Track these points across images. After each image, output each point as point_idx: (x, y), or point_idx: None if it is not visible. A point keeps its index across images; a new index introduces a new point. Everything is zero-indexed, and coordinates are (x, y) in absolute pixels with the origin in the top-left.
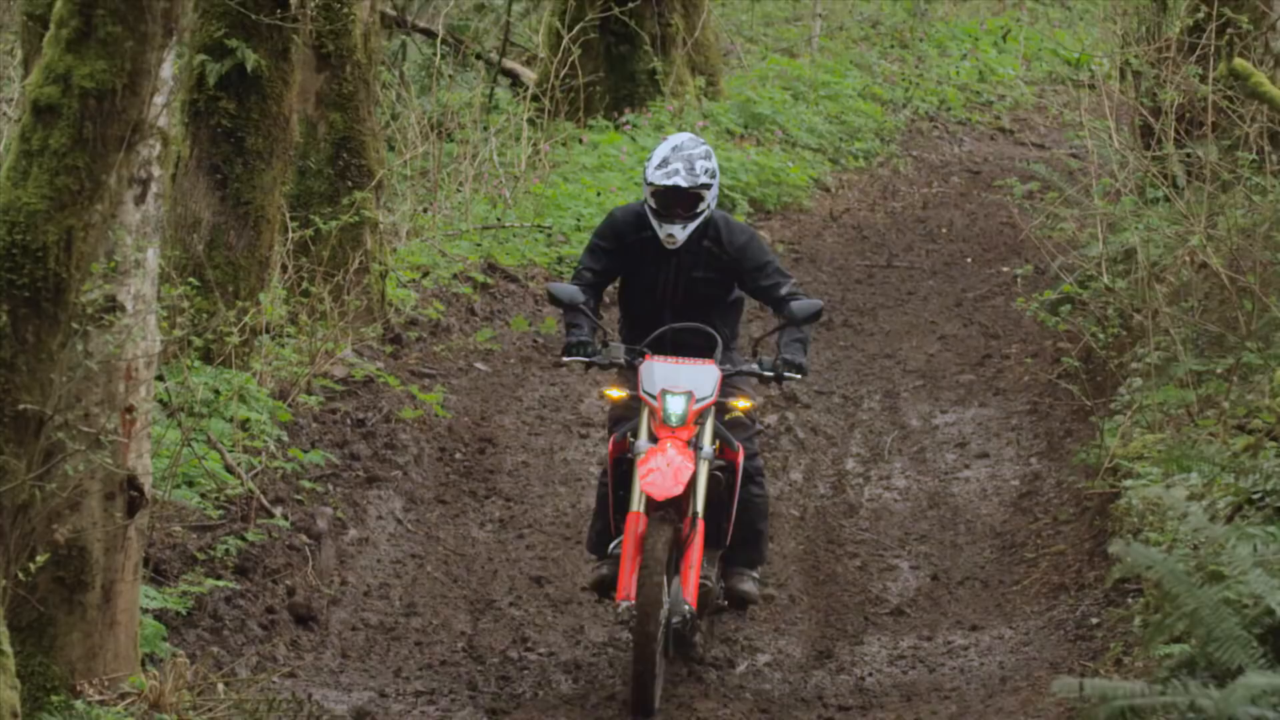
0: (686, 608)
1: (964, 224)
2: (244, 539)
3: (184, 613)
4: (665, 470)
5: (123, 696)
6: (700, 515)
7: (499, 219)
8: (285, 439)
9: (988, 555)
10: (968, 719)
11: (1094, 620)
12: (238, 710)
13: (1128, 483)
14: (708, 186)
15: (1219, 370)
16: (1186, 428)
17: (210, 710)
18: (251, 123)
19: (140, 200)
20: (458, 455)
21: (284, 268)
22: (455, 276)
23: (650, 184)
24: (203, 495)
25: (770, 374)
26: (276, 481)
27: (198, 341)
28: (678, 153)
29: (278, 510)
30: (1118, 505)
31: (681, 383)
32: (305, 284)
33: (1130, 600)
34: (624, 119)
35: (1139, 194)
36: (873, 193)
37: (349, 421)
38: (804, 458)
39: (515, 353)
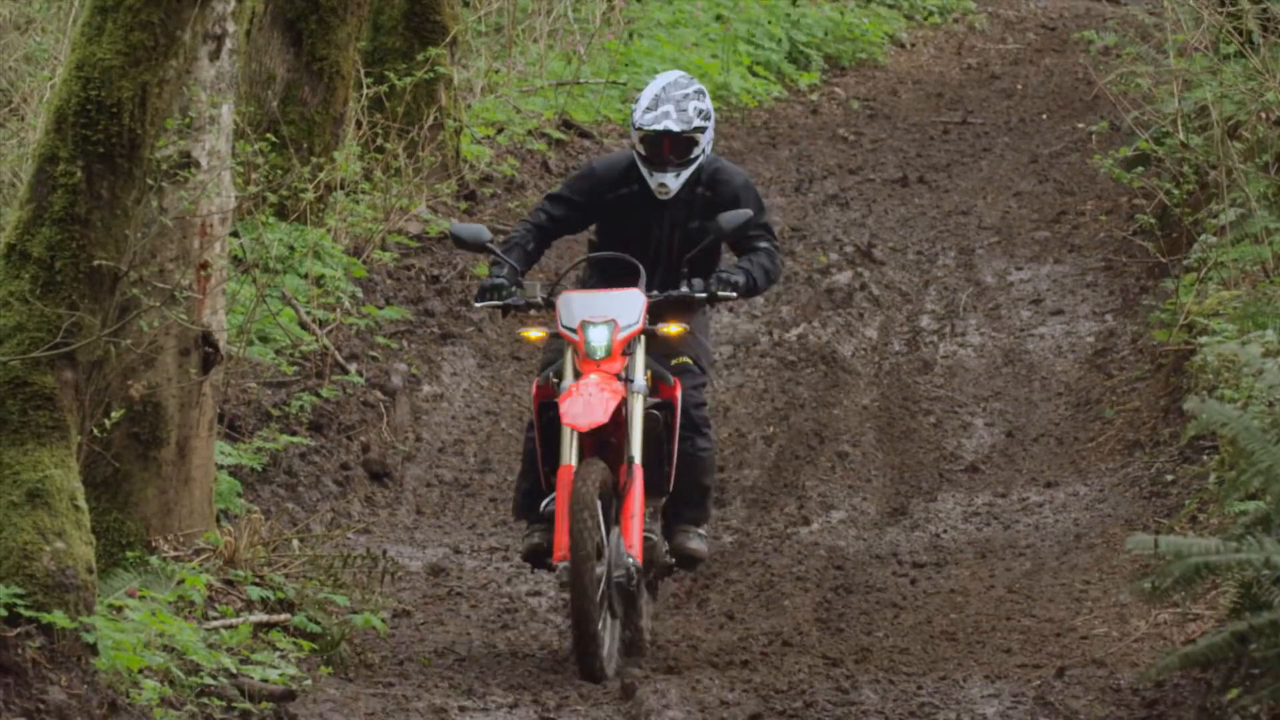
0: (630, 560)
1: (1039, 81)
2: (319, 395)
3: (259, 469)
4: (585, 399)
5: (197, 552)
6: (637, 460)
7: (574, 75)
8: (360, 295)
9: (1062, 412)
10: (1042, 576)
11: (1169, 477)
12: (312, 566)
13: (1203, 339)
14: (702, 130)
15: None
16: (1262, 284)
17: (285, 566)
18: None
19: (215, 56)
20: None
21: (358, 124)
22: (530, 133)
23: (638, 129)
24: (277, 351)
25: (702, 295)
26: (351, 338)
27: (272, 198)
28: (667, 93)
29: (352, 366)
30: (1193, 362)
31: (603, 311)
32: (380, 140)
33: (1205, 457)
34: None
35: (1214, 50)
36: (948, 49)
37: (424, 278)
38: (879, 314)
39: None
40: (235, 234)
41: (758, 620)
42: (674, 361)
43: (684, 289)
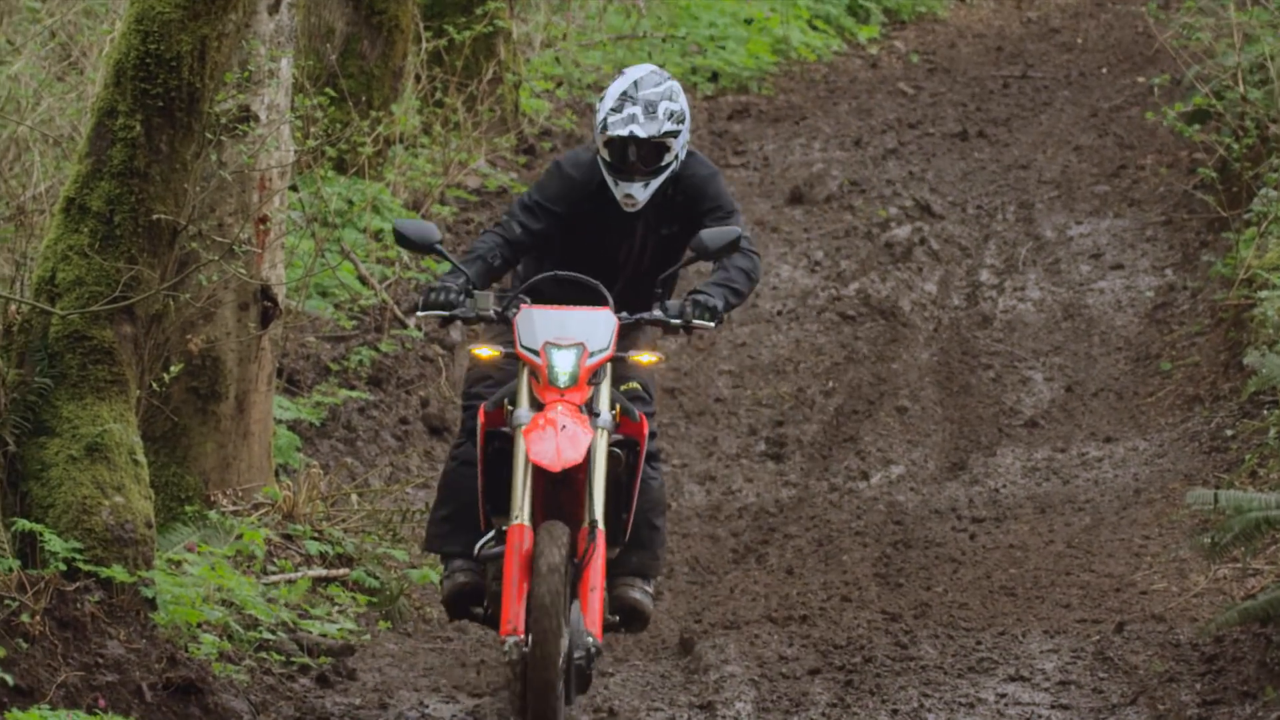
0: (590, 640)
1: (1099, 34)
2: (377, 350)
3: (317, 423)
4: (557, 435)
5: (256, 507)
6: (600, 525)
7: (633, 29)
8: None
9: (1122, 367)
10: (1101, 531)
11: (1229, 432)
12: (371, 521)
13: (1263, 294)
14: (674, 134)
15: None
16: None
17: (344, 521)
18: None
19: (274, 9)
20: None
21: (417, 78)
22: (589, 87)
23: (602, 133)
24: (336, 306)
25: (677, 320)
26: (410, 292)
27: (331, 152)
28: (635, 93)
29: (411, 321)
30: (1253, 316)
31: (570, 333)
32: (439, 94)
33: (1265, 412)
34: None
35: (1274, 4)
36: (1008, 3)
37: (482, 232)
38: (938, 269)
39: None
40: (294, 188)
41: (816, 575)
42: (623, 386)
43: (657, 313)
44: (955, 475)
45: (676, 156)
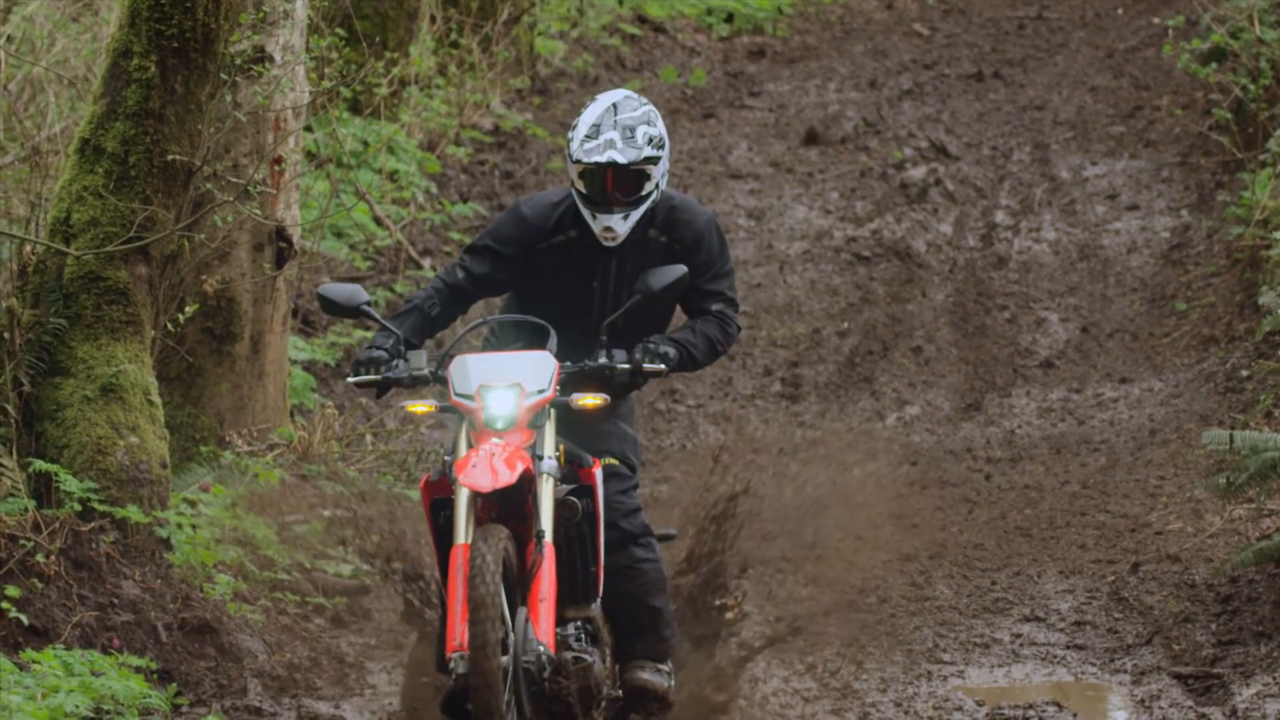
0: (541, 648)
1: None
2: (393, 290)
3: (333, 364)
4: (489, 461)
5: (271, 447)
6: (548, 536)
7: None
8: (434, 190)
9: (1137, 307)
10: (1116, 471)
11: (1244, 373)
12: (386, 461)
13: (1278, 234)
14: (654, 160)
15: None
16: None
17: (358, 461)
18: None
19: None
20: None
21: (432, 19)
22: (604, 28)
23: (576, 162)
24: (351, 246)
25: (625, 366)
26: (425, 233)
27: (346, 93)
28: (611, 118)
29: (426, 261)
30: (1268, 257)
31: (506, 374)
32: (454, 35)
33: None
34: None
35: None
36: None
37: (497, 173)
38: (953, 210)
39: (663, 104)
40: (309, 129)
41: (832, 516)
42: (601, 464)
43: (603, 359)
44: (970, 416)
45: (657, 185)
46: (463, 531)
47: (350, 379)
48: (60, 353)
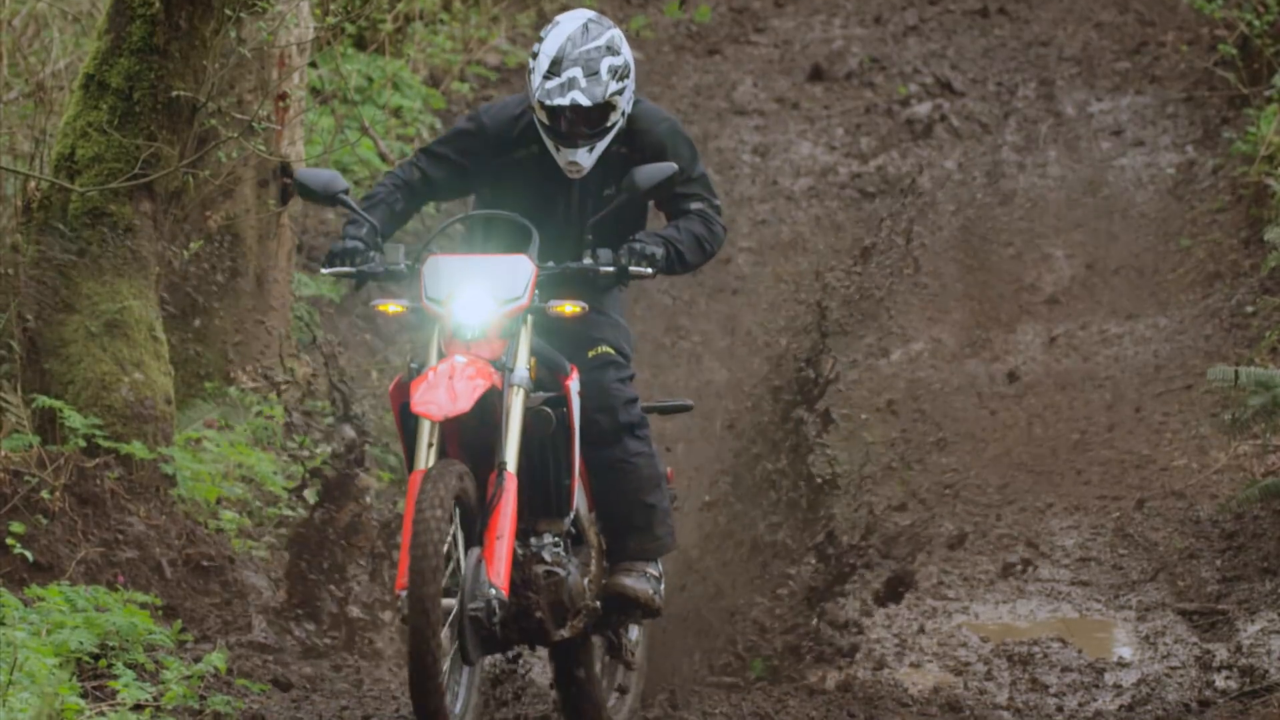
0: (493, 591)
1: None
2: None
3: (337, 300)
4: (445, 384)
5: (276, 383)
6: (510, 467)
7: None
8: (438, 126)
9: (1142, 243)
10: (1122, 407)
11: (1249, 309)
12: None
13: None
14: (619, 93)
15: None
16: None
17: (363, 398)
18: None
19: None
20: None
21: None
22: None
23: (538, 101)
24: (357, 183)
25: (609, 268)
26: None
27: (351, 29)
28: (572, 51)
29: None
30: (1274, 192)
31: (480, 279)
32: None
33: None
34: None
35: None
36: None
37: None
38: (959, 146)
39: (668, 40)
40: (314, 65)
41: (837, 452)
42: (591, 353)
43: (587, 261)
44: (976, 352)
45: (623, 114)
46: (422, 456)
47: (325, 269)
48: (65, 289)
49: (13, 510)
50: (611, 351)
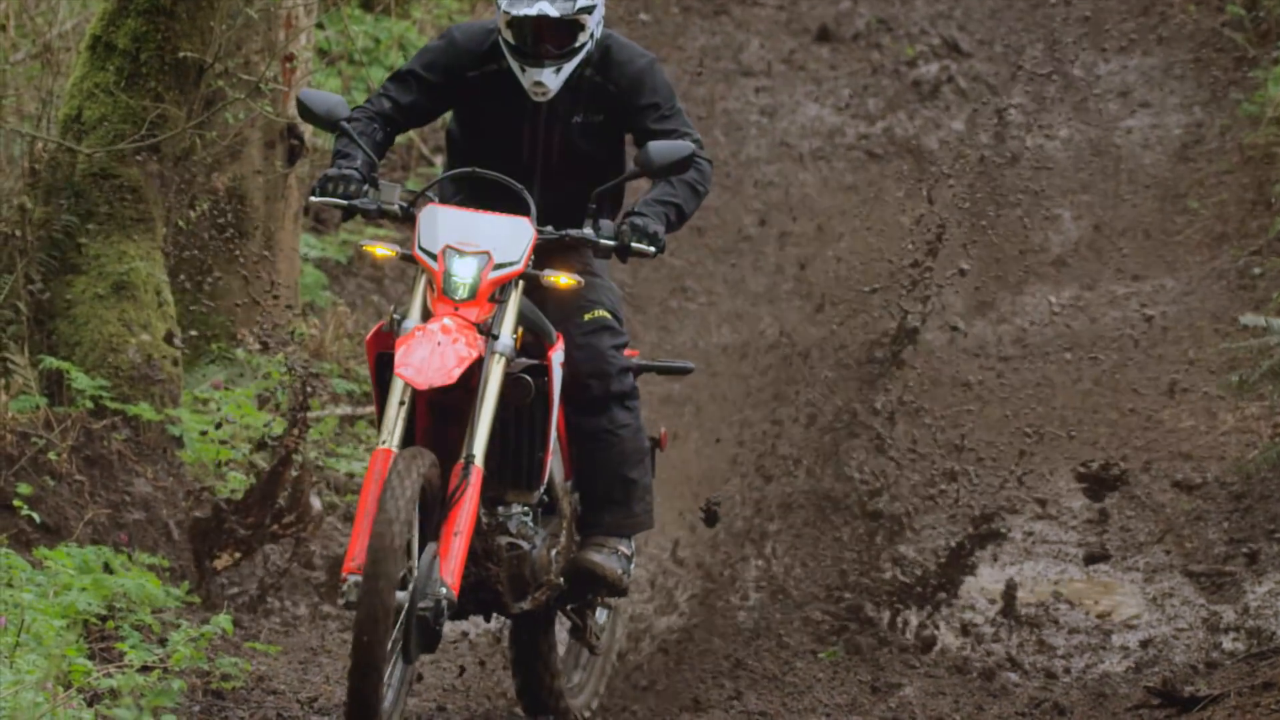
0: (443, 591)
1: None
2: (406, 187)
3: (344, 261)
4: (431, 347)
5: (283, 344)
6: (477, 461)
7: None
8: None
9: (1150, 205)
10: (1129, 369)
11: (1256, 270)
12: None
13: None
14: (589, 9)
15: None
16: None
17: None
18: None
19: None
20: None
21: None
22: None
23: (504, 12)
24: None
25: (611, 242)
26: (437, 130)
27: None
28: None
29: (438, 158)
30: None
31: (477, 238)
32: None
33: None
34: None
35: None
36: None
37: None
38: (966, 106)
39: (676, 1)
40: (320, 26)
41: (844, 414)
42: (587, 316)
43: (588, 231)
44: (983, 314)
45: (591, 35)
46: (390, 426)
47: (315, 197)
48: (72, 250)
49: (20, 471)
50: (608, 316)
